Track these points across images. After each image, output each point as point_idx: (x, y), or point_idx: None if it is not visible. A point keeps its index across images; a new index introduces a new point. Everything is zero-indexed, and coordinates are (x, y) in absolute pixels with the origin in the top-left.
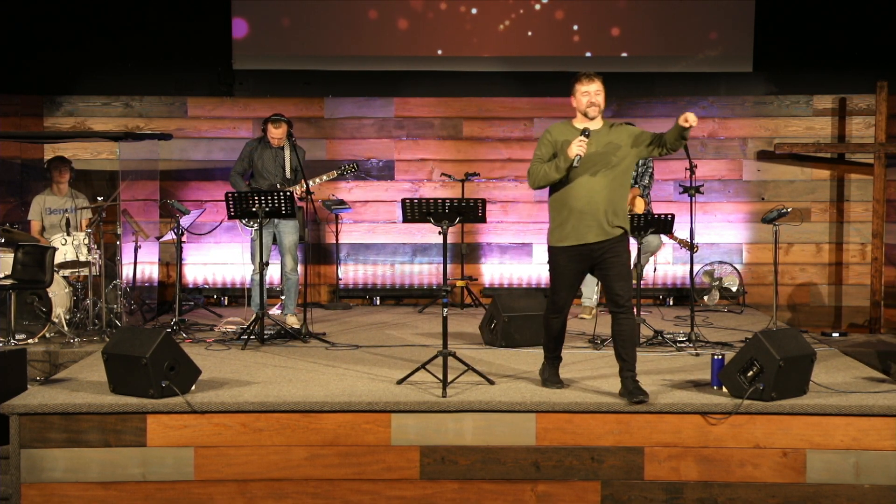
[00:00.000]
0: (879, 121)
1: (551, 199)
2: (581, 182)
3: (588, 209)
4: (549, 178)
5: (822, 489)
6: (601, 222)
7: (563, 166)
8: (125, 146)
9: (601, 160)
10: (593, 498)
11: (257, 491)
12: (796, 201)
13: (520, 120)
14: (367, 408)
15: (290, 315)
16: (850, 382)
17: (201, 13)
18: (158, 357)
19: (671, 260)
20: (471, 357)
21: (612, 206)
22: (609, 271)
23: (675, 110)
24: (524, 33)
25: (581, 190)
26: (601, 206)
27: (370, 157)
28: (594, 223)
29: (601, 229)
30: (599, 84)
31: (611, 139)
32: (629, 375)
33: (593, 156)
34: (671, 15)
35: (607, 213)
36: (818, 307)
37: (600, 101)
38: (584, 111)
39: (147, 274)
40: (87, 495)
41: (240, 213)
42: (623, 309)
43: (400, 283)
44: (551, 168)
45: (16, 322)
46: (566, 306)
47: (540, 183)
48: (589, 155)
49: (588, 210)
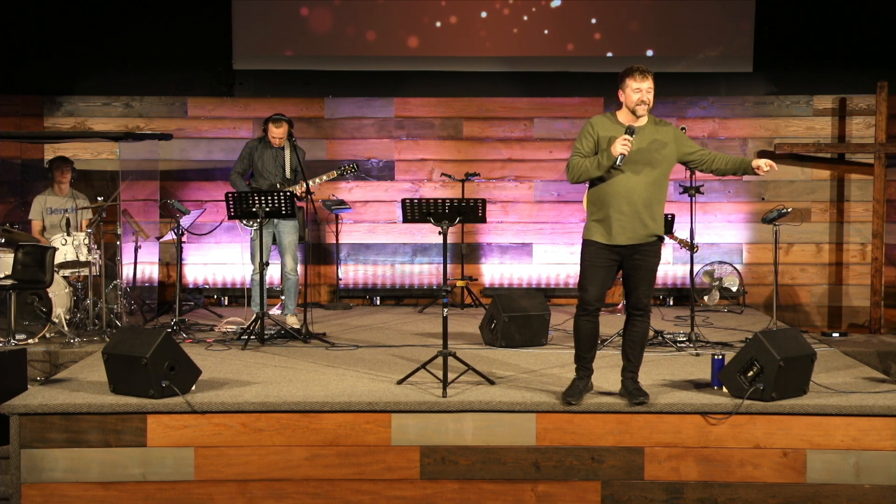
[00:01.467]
0: (879, 121)
1: (590, 192)
2: (621, 180)
3: (627, 210)
4: (589, 174)
5: (823, 489)
6: (637, 226)
7: (605, 164)
8: (125, 146)
9: (644, 158)
10: (593, 498)
11: (257, 491)
12: (796, 201)
13: (520, 120)
14: (368, 408)
15: (291, 315)
16: (850, 382)
17: (201, 13)
18: (158, 357)
19: (671, 260)
20: (471, 357)
21: (650, 210)
22: (636, 273)
23: (675, 110)
24: (524, 33)
25: (621, 188)
26: (640, 208)
27: (370, 157)
28: (629, 225)
29: (635, 233)
30: (652, 81)
31: (657, 137)
32: (631, 376)
33: (636, 153)
34: (671, 15)
35: (644, 217)
36: (818, 307)
37: (651, 100)
38: (633, 109)
39: (147, 274)
40: (87, 495)
41: (240, 213)
42: (642, 312)
43: (400, 284)
44: (592, 164)
45: (16, 322)
46: (597, 305)
47: (580, 179)
48: (632, 151)
49: (626, 211)
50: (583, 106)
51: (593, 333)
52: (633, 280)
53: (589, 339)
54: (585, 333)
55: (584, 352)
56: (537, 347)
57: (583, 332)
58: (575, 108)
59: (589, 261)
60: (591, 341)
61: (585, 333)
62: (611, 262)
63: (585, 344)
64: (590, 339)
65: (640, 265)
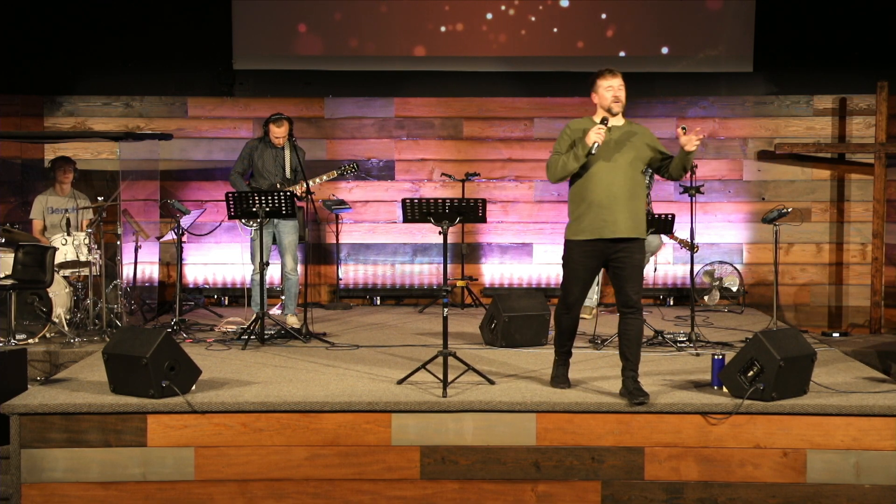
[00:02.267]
0: (880, 121)
1: (570, 191)
2: (600, 175)
3: (607, 203)
4: (567, 168)
5: (823, 489)
6: (618, 218)
7: (581, 154)
8: (125, 146)
9: (619, 150)
10: (594, 498)
11: (258, 491)
12: (797, 201)
13: (520, 120)
14: (368, 408)
15: (291, 315)
16: (851, 382)
17: (201, 13)
18: (159, 357)
19: (671, 260)
20: (471, 357)
21: (632, 205)
22: (622, 271)
23: (675, 110)
24: (523, 34)
25: (600, 183)
26: (620, 201)
27: (370, 157)
28: (611, 218)
29: (617, 226)
30: (622, 79)
31: (633, 133)
32: (631, 375)
33: (613, 147)
34: (671, 15)
35: (625, 211)
36: (818, 307)
37: (623, 98)
38: (609, 106)
39: (147, 274)
40: (87, 495)
41: (240, 213)
42: (633, 309)
43: (400, 283)
44: (569, 157)
45: (16, 322)
46: (578, 303)
47: (559, 174)
48: (608, 144)
49: (607, 204)
50: (583, 106)
51: (574, 326)
52: (621, 278)
53: (570, 332)
54: (567, 328)
55: (566, 340)
56: (537, 347)
57: (564, 326)
58: (575, 108)
59: (573, 261)
60: (572, 333)
61: (567, 328)
62: (595, 261)
63: (566, 336)
64: (571, 332)
65: (625, 262)
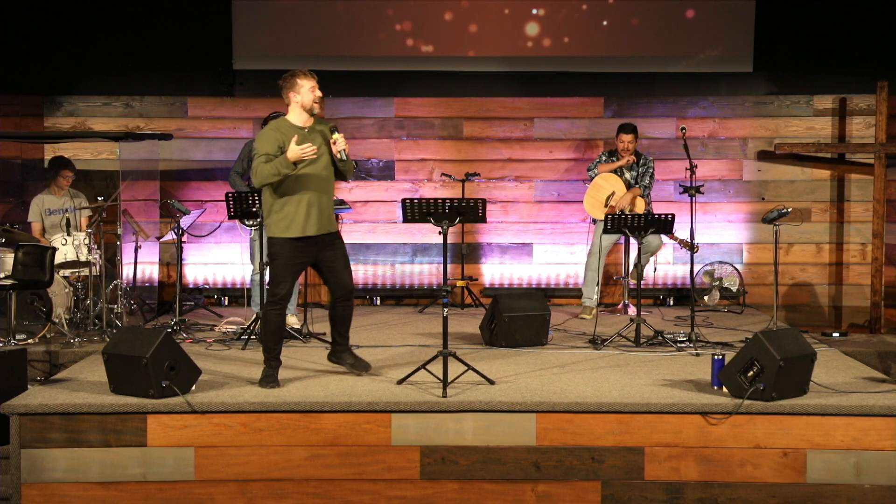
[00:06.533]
0: (880, 121)
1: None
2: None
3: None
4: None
5: (823, 489)
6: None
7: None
8: (125, 146)
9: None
10: (594, 498)
11: (258, 491)
12: (797, 201)
13: (520, 120)
14: (368, 408)
15: (290, 315)
16: (851, 382)
17: (201, 13)
18: (159, 357)
19: (671, 260)
20: (471, 357)
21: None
22: (336, 262)
23: (675, 110)
24: (525, 34)
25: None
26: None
27: (370, 157)
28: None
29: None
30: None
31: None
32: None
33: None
34: (671, 15)
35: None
36: (818, 307)
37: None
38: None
39: (147, 274)
40: (87, 495)
41: (240, 213)
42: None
43: (400, 283)
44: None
45: (16, 322)
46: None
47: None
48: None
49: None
50: (583, 106)
51: (283, 324)
52: (337, 268)
53: (280, 331)
54: (276, 325)
55: (276, 343)
56: (537, 347)
57: (274, 324)
58: (575, 108)
59: (285, 257)
60: (281, 332)
61: (276, 325)
62: (304, 257)
63: (277, 336)
64: (280, 330)
65: (337, 253)
